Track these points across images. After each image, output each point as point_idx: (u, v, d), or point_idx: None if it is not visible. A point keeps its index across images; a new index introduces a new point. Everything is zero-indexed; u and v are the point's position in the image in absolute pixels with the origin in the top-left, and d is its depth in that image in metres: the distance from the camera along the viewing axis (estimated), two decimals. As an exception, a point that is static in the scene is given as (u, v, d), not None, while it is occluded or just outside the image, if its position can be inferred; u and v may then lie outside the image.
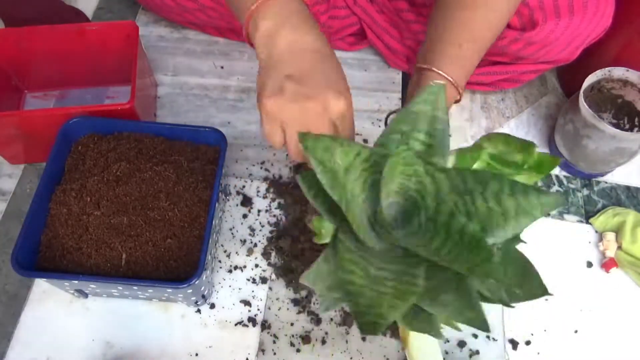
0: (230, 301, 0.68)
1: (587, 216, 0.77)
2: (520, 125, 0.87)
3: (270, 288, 0.70)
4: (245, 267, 0.71)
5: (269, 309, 0.68)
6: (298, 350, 0.66)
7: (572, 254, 0.74)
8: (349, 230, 0.39)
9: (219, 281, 0.70)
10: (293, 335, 0.67)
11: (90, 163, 0.66)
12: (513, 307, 0.40)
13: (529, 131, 0.86)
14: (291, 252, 0.71)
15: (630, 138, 0.70)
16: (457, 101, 0.58)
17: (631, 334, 0.69)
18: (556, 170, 0.82)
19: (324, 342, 0.66)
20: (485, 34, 0.58)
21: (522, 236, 0.42)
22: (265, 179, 0.78)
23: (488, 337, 0.68)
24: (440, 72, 0.55)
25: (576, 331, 0.69)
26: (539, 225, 0.75)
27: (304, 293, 0.69)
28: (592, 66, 0.75)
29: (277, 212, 0.75)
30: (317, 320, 0.67)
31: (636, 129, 0.77)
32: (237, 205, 0.76)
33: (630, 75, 0.74)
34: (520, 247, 0.42)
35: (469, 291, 0.37)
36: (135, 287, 0.61)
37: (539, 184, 0.79)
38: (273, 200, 0.76)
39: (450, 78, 0.55)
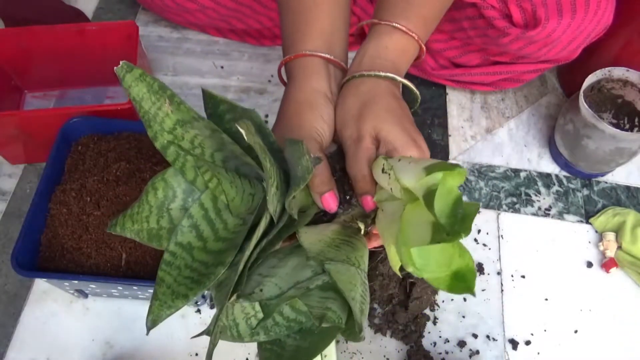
0: (230, 301, 0.68)
1: (587, 216, 0.77)
2: (520, 125, 0.87)
3: (270, 288, 0.69)
4: (245, 267, 0.71)
5: (269, 309, 0.68)
6: (298, 350, 0.66)
7: (572, 254, 0.74)
8: None
9: (219, 281, 0.70)
10: (293, 335, 0.66)
11: (90, 163, 0.66)
12: None
13: (529, 131, 0.86)
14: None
15: (630, 138, 0.70)
16: (418, 57, 0.53)
17: (631, 334, 0.69)
18: (556, 170, 0.82)
19: (324, 342, 0.66)
20: None
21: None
22: (265, 179, 0.78)
23: (488, 337, 0.68)
24: (394, 24, 0.50)
25: (576, 331, 0.69)
26: (539, 225, 0.76)
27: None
28: (592, 66, 0.75)
29: (277, 212, 0.75)
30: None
31: (636, 129, 0.77)
32: (237, 205, 0.76)
33: (630, 75, 0.74)
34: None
35: None
36: (135, 287, 0.61)
37: (540, 183, 0.80)
38: (273, 200, 0.76)
39: (404, 28, 0.50)
